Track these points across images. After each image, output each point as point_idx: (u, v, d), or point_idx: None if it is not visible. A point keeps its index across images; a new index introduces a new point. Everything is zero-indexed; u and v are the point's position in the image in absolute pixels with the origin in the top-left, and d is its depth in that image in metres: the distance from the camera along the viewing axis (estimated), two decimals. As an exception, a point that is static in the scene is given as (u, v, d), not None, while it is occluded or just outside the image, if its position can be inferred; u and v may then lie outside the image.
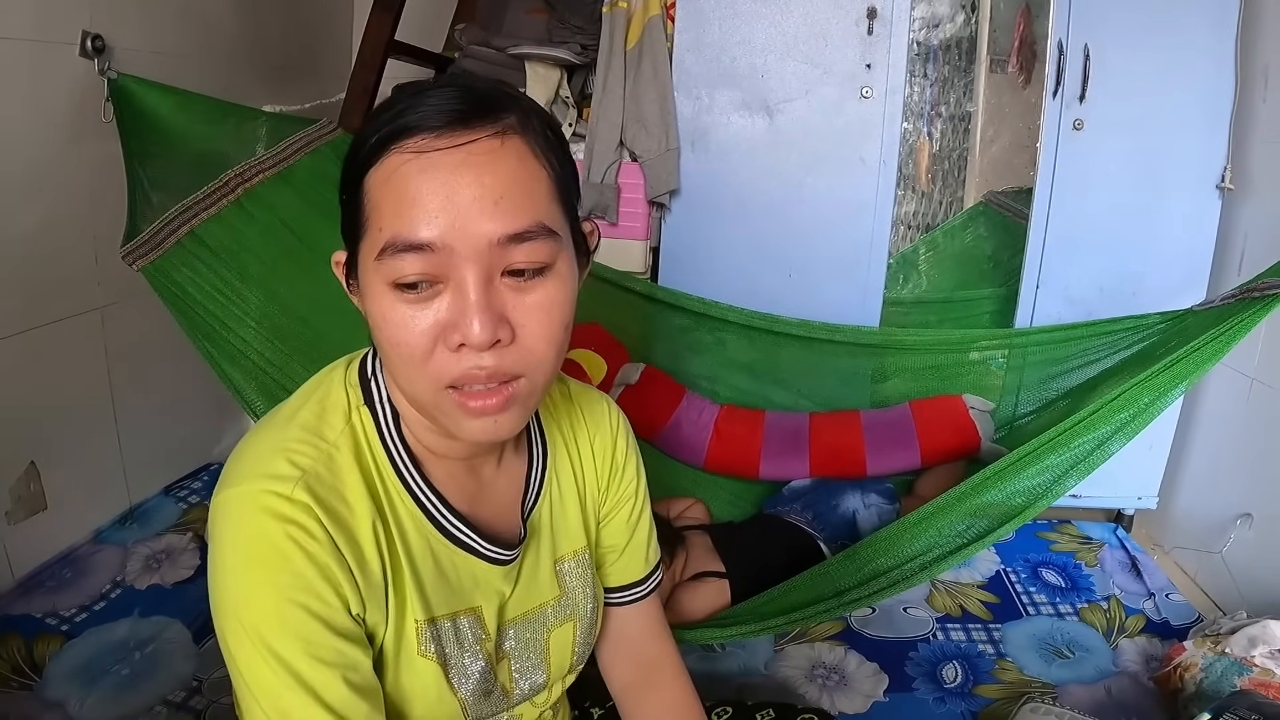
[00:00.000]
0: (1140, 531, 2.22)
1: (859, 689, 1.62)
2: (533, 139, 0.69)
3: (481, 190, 0.65)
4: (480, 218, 0.65)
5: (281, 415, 0.76)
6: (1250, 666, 1.45)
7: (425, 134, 0.66)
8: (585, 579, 0.93)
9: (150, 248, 1.50)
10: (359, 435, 0.76)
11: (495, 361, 0.67)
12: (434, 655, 0.78)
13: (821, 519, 1.85)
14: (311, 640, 0.67)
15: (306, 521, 0.68)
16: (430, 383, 0.68)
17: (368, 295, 0.70)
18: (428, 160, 0.65)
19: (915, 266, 2.64)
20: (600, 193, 2.03)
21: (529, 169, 0.68)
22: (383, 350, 0.71)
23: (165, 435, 2.10)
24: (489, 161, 0.66)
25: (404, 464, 0.77)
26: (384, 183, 0.67)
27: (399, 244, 0.65)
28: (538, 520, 0.89)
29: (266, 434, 0.74)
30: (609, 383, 2.00)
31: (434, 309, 0.67)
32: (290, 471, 0.69)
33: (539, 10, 2.12)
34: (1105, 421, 1.41)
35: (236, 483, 0.70)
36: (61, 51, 1.65)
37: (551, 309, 0.69)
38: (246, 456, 0.72)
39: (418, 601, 0.76)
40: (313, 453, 0.72)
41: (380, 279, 0.67)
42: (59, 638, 1.60)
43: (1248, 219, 1.98)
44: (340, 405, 0.77)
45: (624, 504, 0.98)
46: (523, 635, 0.87)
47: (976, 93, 2.59)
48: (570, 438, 0.93)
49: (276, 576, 0.67)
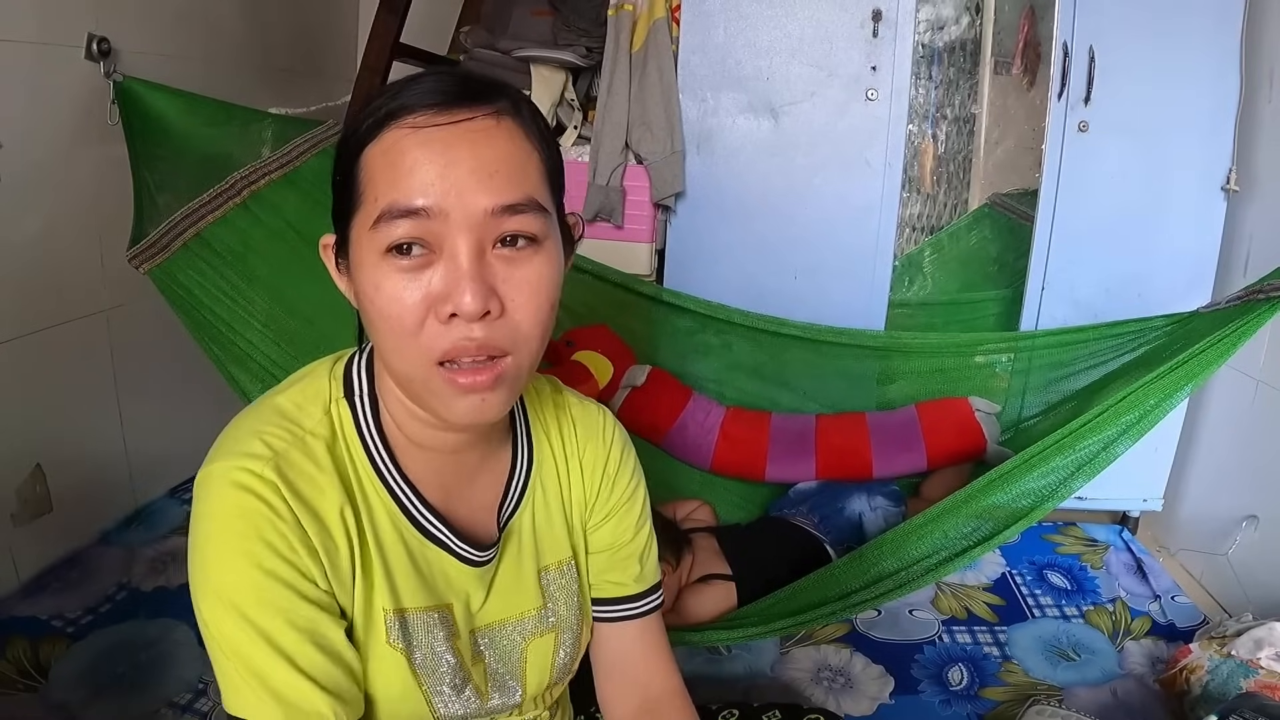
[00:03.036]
0: (1146, 533, 2.22)
1: (865, 691, 1.62)
2: (525, 124, 0.72)
3: (478, 163, 0.67)
4: (476, 189, 0.66)
5: (266, 402, 0.78)
6: (1256, 669, 1.45)
7: (424, 110, 0.67)
8: (570, 591, 0.91)
9: (157, 251, 1.51)
10: (335, 426, 0.77)
11: (485, 334, 0.68)
12: (401, 647, 0.78)
13: (828, 521, 1.85)
14: (284, 607, 0.69)
15: (272, 499, 0.70)
16: (420, 356, 0.69)
17: (359, 269, 0.70)
18: (426, 134, 0.67)
19: (920, 269, 2.63)
20: (606, 195, 2.03)
21: (523, 149, 0.70)
22: (373, 325, 0.71)
23: (170, 437, 2.10)
24: (485, 137, 0.68)
25: (380, 456, 0.78)
26: (381, 156, 0.68)
27: (395, 210, 0.66)
28: (517, 527, 0.88)
29: (249, 418, 0.76)
30: (615, 385, 1.99)
31: (425, 280, 0.67)
32: (263, 451, 0.71)
33: (544, 13, 2.12)
34: (1111, 424, 1.40)
35: (213, 460, 0.72)
36: (67, 54, 1.66)
37: (540, 285, 0.70)
38: (227, 437, 0.74)
39: (386, 591, 0.77)
40: (287, 437, 0.74)
41: (373, 249, 0.68)
42: (64, 640, 1.61)
43: (1253, 221, 1.98)
44: (321, 396, 0.78)
45: (615, 514, 0.94)
46: (499, 642, 0.86)
47: (981, 95, 2.59)
48: (559, 449, 0.93)
49: (249, 545, 0.69)
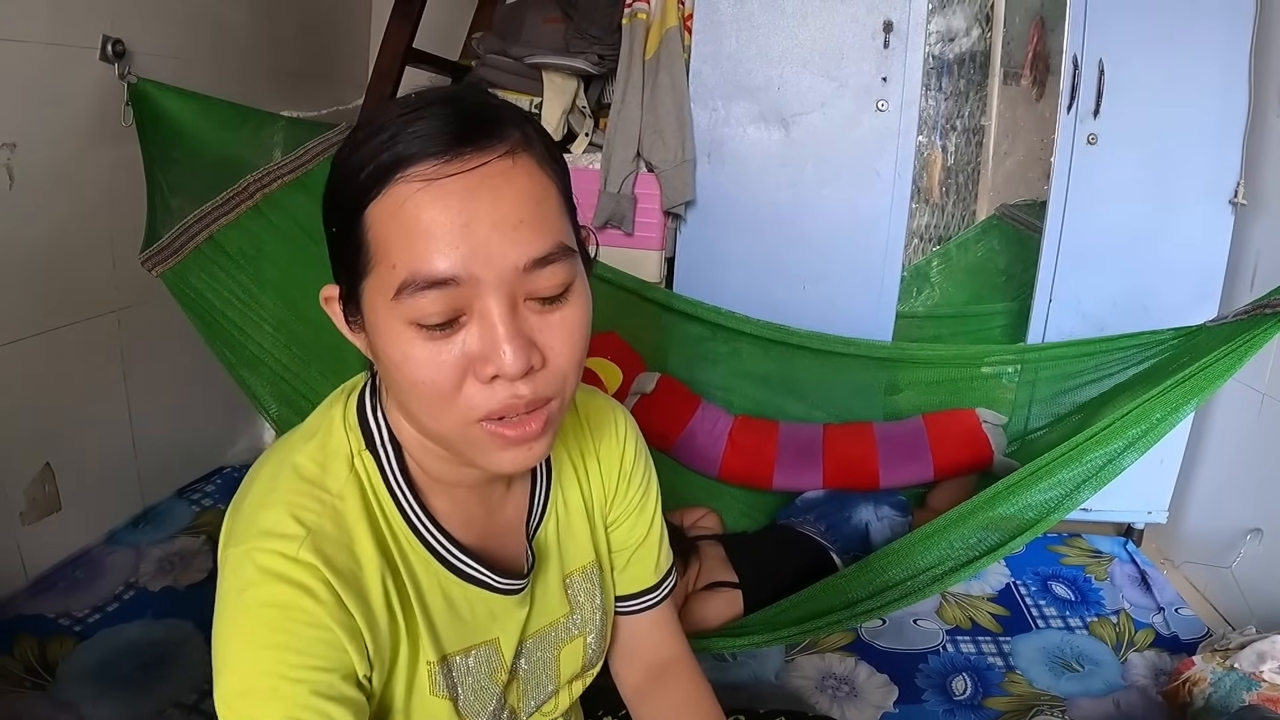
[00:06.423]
0: (1150, 546, 2.22)
1: (869, 700, 1.62)
2: (539, 153, 0.67)
3: (500, 216, 0.62)
4: (502, 245, 0.62)
5: (284, 462, 0.73)
6: (1259, 682, 1.45)
7: (432, 159, 0.62)
8: (592, 593, 0.92)
9: (170, 253, 1.51)
10: (363, 483, 0.73)
11: (531, 389, 0.65)
12: (445, 694, 0.77)
13: (834, 530, 1.86)
14: (302, 711, 0.65)
15: (312, 583, 0.66)
16: (459, 418, 0.66)
17: (382, 335, 0.66)
18: (440, 187, 0.61)
19: (928, 279, 2.63)
20: (617, 203, 2.03)
21: (541, 186, 0.66)
22: (402, 390, 0.67)
23: (179, 438, 2.11)
24: (505, 184, 0.63)
25: (410, 506, 0.75)
26: (392, 216, 0.62)
27: (419, 280, 0.61)
28: (544, 541, 0.87)
29: (270, 486, 0.72)
30: (625, 391, 2.00)
31: (459, 341, 0.64)
32: (295, 530, 0.67)
33: (556, 20, 2.13)
34: (1117, 437, 1.41)
35: (242, 540, 0.68)
36: (82, 56, 1.67)
37: (576, 328, 0.68)
38: (249, 508, 0.71)
39: (430, 644, 0.75)
40: (318, 507, 0.70)
41: (398, 318, 0.64)
42: (72, 639, 1.61)
43: (1260, 235, 1.98)
44: (342, 451, 0.74)
45: (632, 510, 0.95)
46: (534, 655, 0.86)
47: (990, 106, 2.59)
48: (575, 449, 0.91)
49: (279, 648, 0.65)
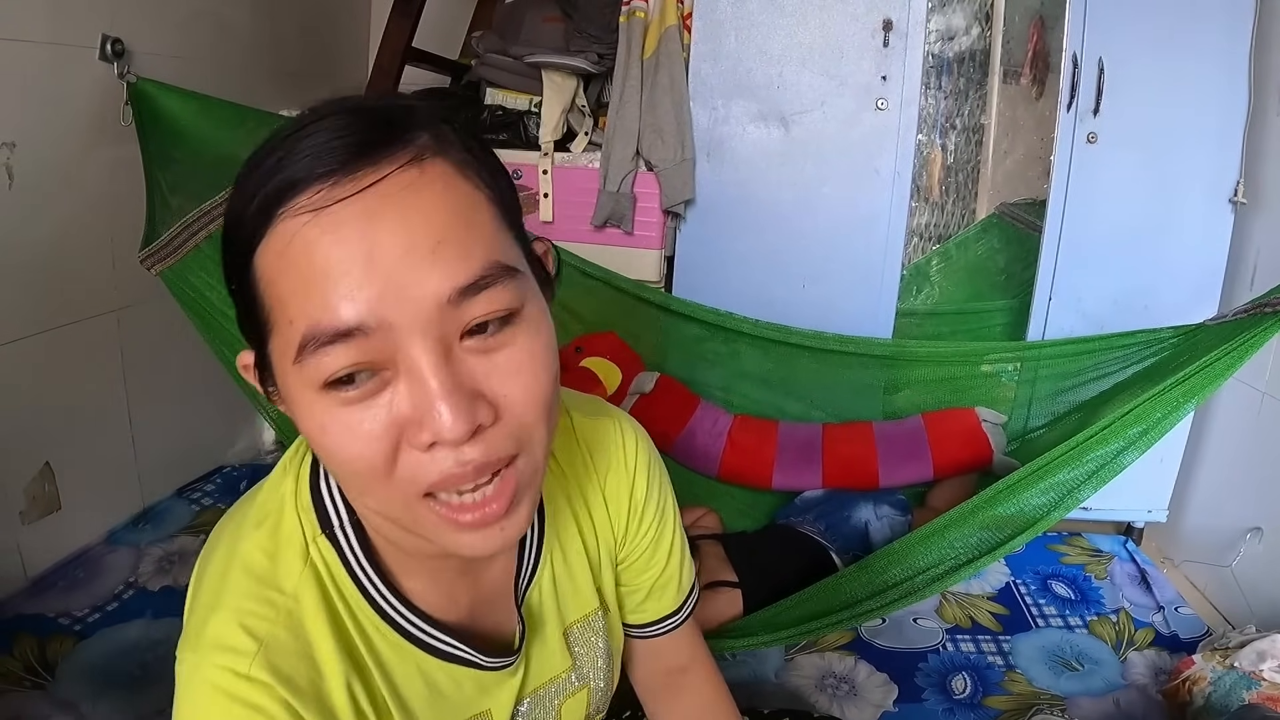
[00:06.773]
0: (1150, 545, 2.22)
1: (869, 699, 1.62)
2: (457, 156, 0.55)
3: (410, 239, 0.50)
4: (416, 275, 0.50)
5: (232, 555, 0.64)
6: (1259, 681, 1.45)
7: (318, 183, 0.50)
8: (593, 643, 0.84)
9: (169, 252, 1.52)
10: (321, 575, 0.64)
11: (481, 452, 0.53)
12: None
13: (834, 530, 1.85)
14: None
15: (267, 703, 0.58)
16: (400, 494, 0.55)
17: (294, 405, 0.55)
18: (330, 216, 0.50)
19: (928, 278, 2.63)
20: (617, 202, 2.03)
21: (463, 195, 0.54)
22: (328, 465, 0.58)
23: (179, 437, 2.11)
24: (411, 198, 0.51)
25: (378, 593, 0.66)
26: (279, 258, 0.51)
27: (320, 335, 0.50)
28: (536, 602, 0.78)
29: (220, 580, 0.63)
30: (624, 391, 2.00)
31: (385, 403, 0.52)
32: (246, 645, 0.59)
33: (556, 19, 2.12)
34: (1118, 436, 1.41)
35: (195, 648, 0.60)
36: (81, 55, 1.67)
37: (532, 365, 0.55)
38: (202, 608, 0.63)
39: None
40: (270, 614, 0.61)
41: (304, 383, 0.52)
42: (71, 638, 1.61)
43: (1260, 233, 1.98)
44: (295, 540, 0.64)
45: (647, 546, 0.87)
46: (533, 714, 0.79)
47: (990, 105, 2.59)
48: (575, 490, 0.80)
49: None
